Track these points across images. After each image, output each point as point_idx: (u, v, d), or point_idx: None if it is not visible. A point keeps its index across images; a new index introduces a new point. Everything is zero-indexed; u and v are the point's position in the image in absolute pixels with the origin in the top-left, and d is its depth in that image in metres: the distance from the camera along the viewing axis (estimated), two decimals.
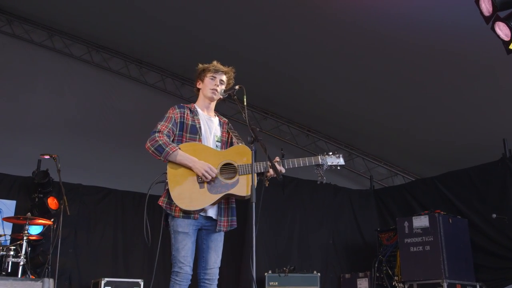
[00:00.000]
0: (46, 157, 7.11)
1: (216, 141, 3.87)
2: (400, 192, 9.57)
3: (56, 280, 7.00)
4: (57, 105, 9.99)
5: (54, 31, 10.31)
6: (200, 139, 3.77)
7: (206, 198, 3.58)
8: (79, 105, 10.26)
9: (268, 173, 3.56)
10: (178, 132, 3.78)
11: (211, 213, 3.69)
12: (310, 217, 9.39)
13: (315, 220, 9.42)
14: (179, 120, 3.80)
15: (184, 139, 3.76)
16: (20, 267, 6.28)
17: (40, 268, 7.18)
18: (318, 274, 7.92)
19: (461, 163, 8.59)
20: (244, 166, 3.62)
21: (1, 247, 6.41)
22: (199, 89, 4.02)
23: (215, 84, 3.91)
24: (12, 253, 6.30)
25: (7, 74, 9.73)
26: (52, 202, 7.84)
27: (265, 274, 7.87)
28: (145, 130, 4.07)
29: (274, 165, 3.46)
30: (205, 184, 3.60)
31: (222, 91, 3.89)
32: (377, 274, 8.02)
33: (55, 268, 6.83)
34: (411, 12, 6.87)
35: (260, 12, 7.94)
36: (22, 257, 6.31)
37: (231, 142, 3.95)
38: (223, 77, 3.95)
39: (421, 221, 7.47)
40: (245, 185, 3.54)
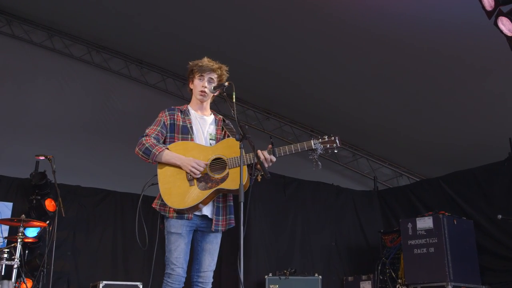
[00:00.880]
0: (41, 158, 6.99)
1: (210, 139, 3.76)
2: (404, 192, 9.48)
3: (51, 283, 6.93)
4: (57, 106, 9.93)
5: (54, 31, 10.24)
6: (192, 138, 3.69)
7: (197, 195, 3.49)
8: (79, 106, 10.21)
9: (258, 166, 3.48)
10: (169, 134, 3.72)
11: (206, 211, 3.59)
12: (312, 219, 9.25)
13: (317, 222, 9.29)
14: (169, 122, 3.74)
15: (176, 141, 3.69)
16: (14, 270, 6.15)
17: (38, 271, 7.08)
18: (320, 276, 7.77)
19: (466, 163, 8.50)
20: (234, 159, 3.51)
21: None
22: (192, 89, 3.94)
23: (203, 86, 3.78)
24: (5, 255, 6.16)
25: (7, 75, 9.69)
26: (49, 204, 7.78)
27: (266, 276, 7.78)
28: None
29: (262, 163, 3.35)
30: (195, 181, 3.52)
31: (212, 88, 3.77)
32: (380, 277, 7.92)
33: (50, 271, 6.73)
34: (417, 11, 6.78)
35: (262, 12, 7.87)
36: (16, 260, 6.17)
37: None
38: (212, 75, 3.79)
39: (425, 223, 7.36)
40: (235, 179, 3.41)
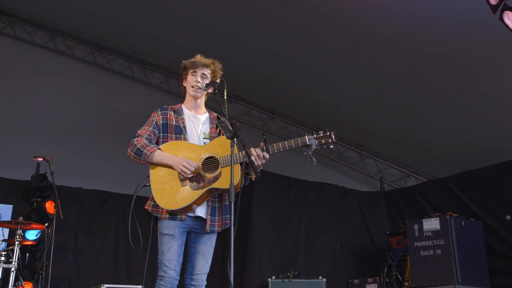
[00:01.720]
0: (39, 159, 6.92)
1: (204, 138, 3.67)
2: (411, 193, 9.31)
3: (53, 286, 6.86)
4: (59, 108, 9.88)
5: (56, 32, 10.17)
6: (185, 138, 3.61)
7: (189, 195, 3.41)
8: (82, 107, 10.14)
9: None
10: (162, 134, 3.66)
11: (199, 212, 3.50)
12: (317, 220, 9.11)
13: (322, 224, 9.14)
14: (161, 122, 3.67)
15: (169, 140, 3.62)
16: (12, 274, 6.05)
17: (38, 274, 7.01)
18: (324, 279, 7.60)
19: (474, 163, 8.36)
20: (226, 158, 3.42)
21: None
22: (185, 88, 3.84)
23: (196, 81, 3.69)
24: (3, 258, 6.06)
25: (9, 76, 9.65)
26: (50, 207, 7.72)
27: (269, 279, 7.66)
28: None
29: (252, 162, 3.25)
30: (187, 181, 3.45)
31: (204, 85, 3.65)
32: (386, 280, 7.80)
33: (49, 274, 6.66)
34: (427, 10, 6.63)
35: (266, 11, 7.78)
36: (14, 263, 6.07)
37: None
38: (205, 71, 3.70)
39: (431, 224, 7.22)
40: (228, 178, 3.29)
